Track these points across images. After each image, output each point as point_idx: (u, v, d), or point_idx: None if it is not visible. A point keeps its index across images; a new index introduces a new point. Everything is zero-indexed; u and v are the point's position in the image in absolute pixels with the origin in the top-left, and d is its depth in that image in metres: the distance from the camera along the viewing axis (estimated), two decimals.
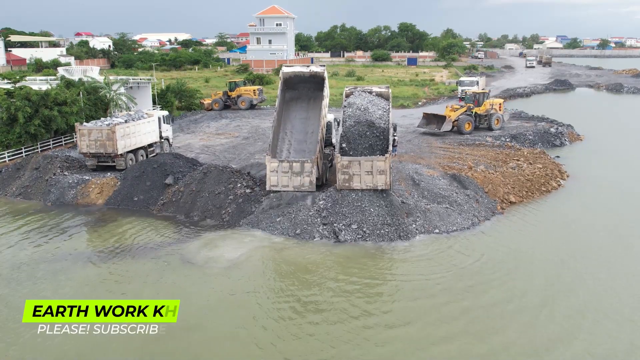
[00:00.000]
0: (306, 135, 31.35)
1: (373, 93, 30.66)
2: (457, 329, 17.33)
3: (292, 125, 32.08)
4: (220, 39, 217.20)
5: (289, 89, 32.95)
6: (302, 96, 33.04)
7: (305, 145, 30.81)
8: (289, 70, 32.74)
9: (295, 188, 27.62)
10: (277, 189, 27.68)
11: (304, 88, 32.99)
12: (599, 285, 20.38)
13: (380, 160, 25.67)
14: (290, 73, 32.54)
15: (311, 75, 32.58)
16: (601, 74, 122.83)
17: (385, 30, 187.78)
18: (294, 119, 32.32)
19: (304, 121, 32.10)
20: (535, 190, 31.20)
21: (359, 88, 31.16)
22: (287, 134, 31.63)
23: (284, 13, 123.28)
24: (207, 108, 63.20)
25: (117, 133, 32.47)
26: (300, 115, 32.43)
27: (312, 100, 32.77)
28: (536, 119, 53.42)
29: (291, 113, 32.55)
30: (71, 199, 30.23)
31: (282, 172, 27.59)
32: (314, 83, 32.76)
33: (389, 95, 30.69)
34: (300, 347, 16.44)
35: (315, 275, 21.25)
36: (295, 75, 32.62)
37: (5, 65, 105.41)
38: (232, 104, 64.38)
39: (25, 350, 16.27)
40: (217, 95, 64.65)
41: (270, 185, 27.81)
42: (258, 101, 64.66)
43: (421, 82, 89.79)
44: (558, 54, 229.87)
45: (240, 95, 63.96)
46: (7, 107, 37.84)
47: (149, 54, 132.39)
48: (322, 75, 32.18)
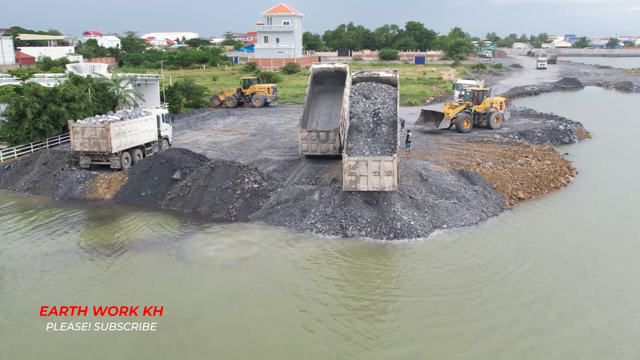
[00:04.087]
0: (331, 117, 36.81)
1: (380, 78, 31.07)
2: (462, 324, 17.24)
3: (320, 111, 37.81)
4: (228, 38, 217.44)
5: (317, 83, 38.92)
6: (328, 90, 38.79)
7: (330, 125, 36.06)
8: (318, 66, 39.09)
9: (322, 152, 34.08)
10: (308, 153, 34.46)
11: (330, 82, 38.61)
12: (603, 280, 20.23)
13: (388, 161, 24.98)
14: (318, 69, 38.66)
15: (336, 71, 38.28)
16: (610, 72, 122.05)
17: (392, 29, 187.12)
18: (321, 107, 38.03)
19: (329, 108, 37.66)
20: (544, 187, 30.99)
21: (366, 72, 31.74)
22: (315, 116, 37.29)
23: (292, 11, 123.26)
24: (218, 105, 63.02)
25: (112, 131, 31.74)
26: (326, 104, 38.11)
27: (336, 93, 37.99)
28: (545, 117, 53.12)
29: (319, 102, 38.31)
30: (79, 194, 30.33)
31: (311, 140, 33.89)
32: (337, 78, 38.11)
33: (397, 81, 30.89)
34: (299, 345, 16.33)
35: (321, 270, 21.17)
36: (322, 71, 38.59)
37: (14, 63, 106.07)
38: (245, 102, 64.20)
39: (37, 344, 16.38)
40: (231, 93, 64.50)
41: (302, 151, 34.53)
42: (272, 99, 64.44)
43: (429, 81, 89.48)
44: (567, 53, 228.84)
45: (254, 93, 63.74)
46: (16, 103, 37.99)
47: (156, 53, 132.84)
48: (345, 71, 37.76)
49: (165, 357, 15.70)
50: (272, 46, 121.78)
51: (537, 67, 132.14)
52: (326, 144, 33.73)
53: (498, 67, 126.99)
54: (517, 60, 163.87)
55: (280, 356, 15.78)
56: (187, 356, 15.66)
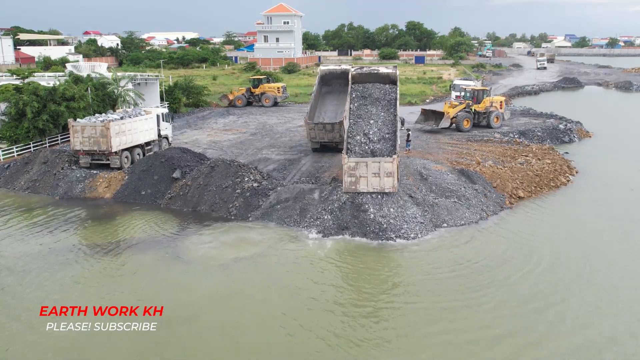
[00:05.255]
0: (336, 114, 37.66)
1: (380, 74, 31.21)
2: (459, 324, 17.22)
3: (326, 109, 38.88)
4: (228, 37, 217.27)
5: (324, 84, 39.83)
6: (334, 90, 39.60)
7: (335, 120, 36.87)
8: (325, 68, 40.43)
9: (329, 140, 35.85)
10: (316, 140, 36.25)
11: (337, 83, 39.24)
12: (614, 281, 20.20)
13: (388, 162, 24.92)
14: (326, 70, 39.88)
15: (342, 72, 38.91)
16: (610, 72, 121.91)
17: (392, 29, 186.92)
18: (328, 105, 39.15)
19: (335, 106, 38.65)
20: (544, 186, 30.98)
21: (365, 69, 31.61)
22: (322, 113, 38.47)
23: (292, 11, 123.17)
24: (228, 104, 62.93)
25: (112, 130, 31.81)
26: (333, 102, 39.20)
27: (342, 94, 38.30)
28: (545, 116, 53.08)
29: (326, 102, 39.50)
30: (79, 193, 30.32)
31: (318, 130, 35.63)
32: (343, 79, 38.04)
33: (397, 77, 30.98)
34: (298, 345, 16.28)
35: (321, 270, 21.14)
36: (329, 72, 39.71)
37: (14, 63, 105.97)
38: (255, 101, 63.79)
39: (36, 343, 16.35)
40: (240, 92, 64.14)
41: (310, 139, 36.41)
42: (282, 99, 64.07)
43: (429, 80, 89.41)
44: (566, 52, 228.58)
45: (264, 93, 63.29)
46: (16, 102, 37.97)
47: (156, 52, 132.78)
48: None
49: (165, 357, 15.65)
50: (272, 46, 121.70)
51: (537, 67, 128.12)
52: (332, 134, 35.77)
53: (498, 67, 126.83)
54: (517, 59, 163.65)
55: (279, 356, 15.73)
56: (187, 356, 15.61)
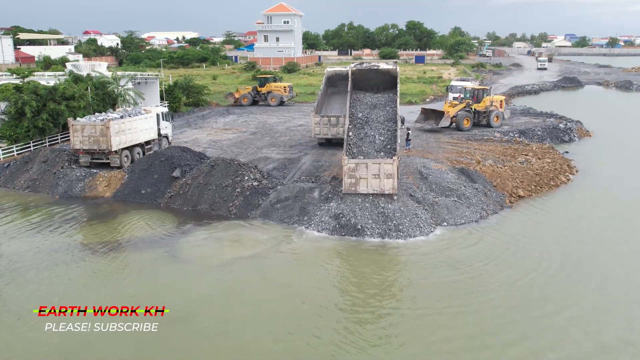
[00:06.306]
0: (341, 111, 38.13)
1: (380, 70, 31.41)
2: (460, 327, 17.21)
3: (331, 108, 40.32)
4: (228, 37, 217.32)
5: (330, 85, 40.83)
6: (340, 92, 39.98)
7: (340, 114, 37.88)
8: (332, 70, 41.22)
9: (332, 135, 37.53)
10: (320, 136, 38.05)
11: (342, 85, 38.97)
12: (604, 280, 20.17)
13: (388, 163, 24.71)
14: (332, 72, 40.66)
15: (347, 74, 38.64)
16: (610, 71, 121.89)
17: (392, 29, 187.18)
18: (333, 104, 40.54)
19: (340, 105, 39.42)
20: (544, 185, 30.96)
21: (365, 65, 31.69)
22: (327, 112, 39.63)
23: (292, 11, 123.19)
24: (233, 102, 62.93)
25: (112, 129, 31.79)
26: (338, 102, 40.30)
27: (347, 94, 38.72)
28: (545, 115, 53.09)
29: (331, 102, 40.77)
30: (79, 192, 30.30)
31: (323, 124, 37.42)
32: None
33: (397, 73, 31.02)
34: (298, 345, 16.24)
35: (321, 270, 21.11)
36: (335, 74, 40.35)
37: (14, 62, 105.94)
38: (261, 100, 63.67)
39: (35, 343, 16.33)
40: (246, 90, 64.02)
41: (315, 134, 38.14)
42: (288, 98, 63.92)
43: (429, 80, 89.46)
44: (567, 52, 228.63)
45: (270, 92, 63.11)
46: (15, 102, 37.94)
47: (156, 52, 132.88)
48: None
49: (165, 357, 15.62)
50: (272, 45, 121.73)
51: (538, 68, 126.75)
52: (336, 128, 37.07)
53: (498, 66, 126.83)
54: (517, 59, 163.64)
55: (279, 356, 15.69)
56: (186, 356, 15.58)
